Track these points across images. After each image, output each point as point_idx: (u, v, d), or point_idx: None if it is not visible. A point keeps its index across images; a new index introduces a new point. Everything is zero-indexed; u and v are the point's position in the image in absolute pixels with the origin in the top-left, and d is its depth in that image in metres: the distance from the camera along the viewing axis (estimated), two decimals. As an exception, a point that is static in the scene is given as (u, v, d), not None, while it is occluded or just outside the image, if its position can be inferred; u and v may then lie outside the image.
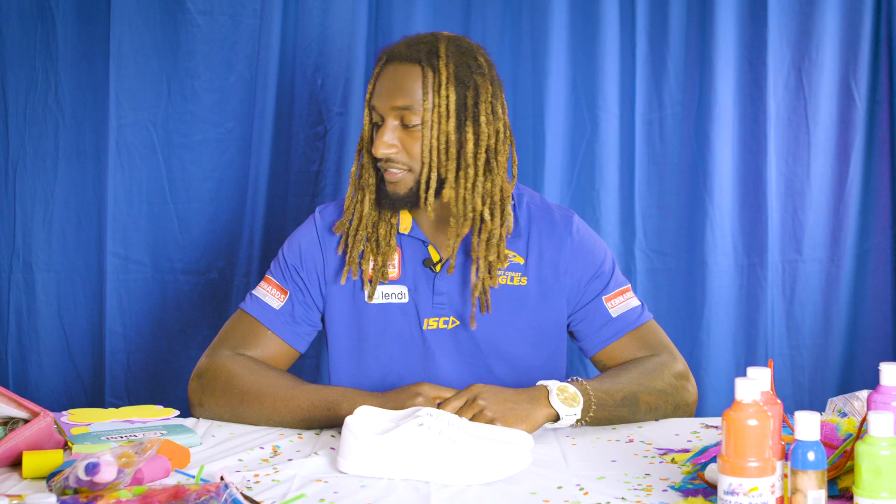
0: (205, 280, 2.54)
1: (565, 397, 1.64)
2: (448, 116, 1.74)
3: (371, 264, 1.83)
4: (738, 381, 1.21)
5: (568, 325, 1.90)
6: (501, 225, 1.79)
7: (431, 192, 1.75)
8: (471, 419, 1.58)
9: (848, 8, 2.51)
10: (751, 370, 1.27)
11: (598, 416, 1.67)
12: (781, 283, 2.55)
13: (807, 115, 2.53)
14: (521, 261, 1.85)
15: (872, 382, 1.35)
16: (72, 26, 2.49)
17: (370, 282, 1.83)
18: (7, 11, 2.48)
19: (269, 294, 1.85)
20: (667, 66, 2.52)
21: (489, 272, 1.79)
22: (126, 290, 2.52)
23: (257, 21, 2.47)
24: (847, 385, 2.56)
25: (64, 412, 1.72)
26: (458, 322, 1.84)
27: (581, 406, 1.65)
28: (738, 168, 2.53)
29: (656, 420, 1.75)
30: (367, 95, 1.79)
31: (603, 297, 1.87)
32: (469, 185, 1.76)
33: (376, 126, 1.79)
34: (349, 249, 1.82)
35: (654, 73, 2.53)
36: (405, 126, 1.75)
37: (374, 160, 1.79)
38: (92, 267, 2.53)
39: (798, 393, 2.56)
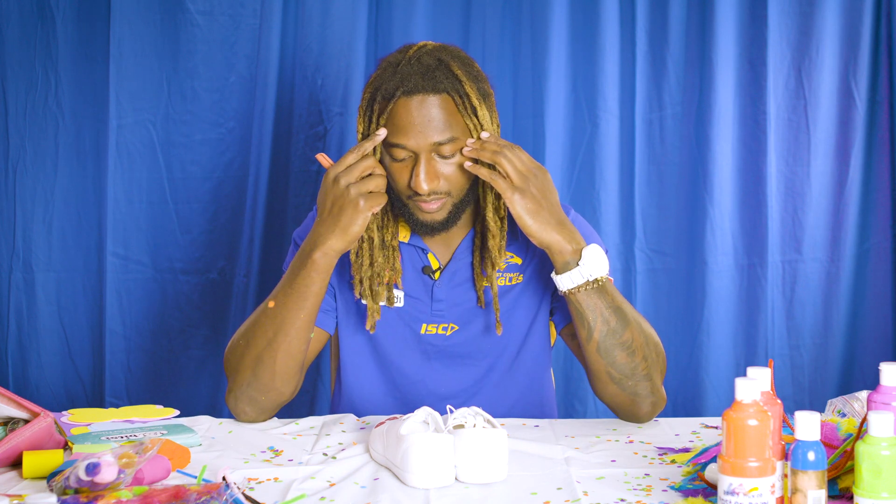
0: (205, 280, 2.54)
1: (597, 259, 1.63)
2: (478, 133, 1.70)
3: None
4: (738, 381, 1.21)
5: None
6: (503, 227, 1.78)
7: (468, 210, 1.76)
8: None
9: (848, 8, 2.51)
10: (751, 370, 1.27)
11: (597, 293, 1.65)
12: (781, 283, 2.55)
13: (807, 115, 2.53)
14: (519, 261, 1.83)
15: (872, 382, 1.35)
16: (72, 26, 2.49)
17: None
18: (7, 11, 2.48)
19: None
20: (667, 66, 2.52)
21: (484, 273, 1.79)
22: (126, 290, 2.52)
23: (257, 21, 2.47)
24: (847, 385, 2.57)
25: (64, 412, 1.71)
26: (456, 327, 1.83)
27: (601, 274, 1.64)
28: (738, 168, 2.53)
29: (629, 364, 1.67)
30: (376, 134, 1.68)
31: None
32: (493, 190, 1.74)
33: (396, 160, 1.70)
34: (363, 288, 1.77)
35: (654, 73, 2.53)
36: (441, 156, 1.68)
37: (398, 196, 1.73)
38: (92, 267, 2.53)
39: (798, 393, 2.56)
